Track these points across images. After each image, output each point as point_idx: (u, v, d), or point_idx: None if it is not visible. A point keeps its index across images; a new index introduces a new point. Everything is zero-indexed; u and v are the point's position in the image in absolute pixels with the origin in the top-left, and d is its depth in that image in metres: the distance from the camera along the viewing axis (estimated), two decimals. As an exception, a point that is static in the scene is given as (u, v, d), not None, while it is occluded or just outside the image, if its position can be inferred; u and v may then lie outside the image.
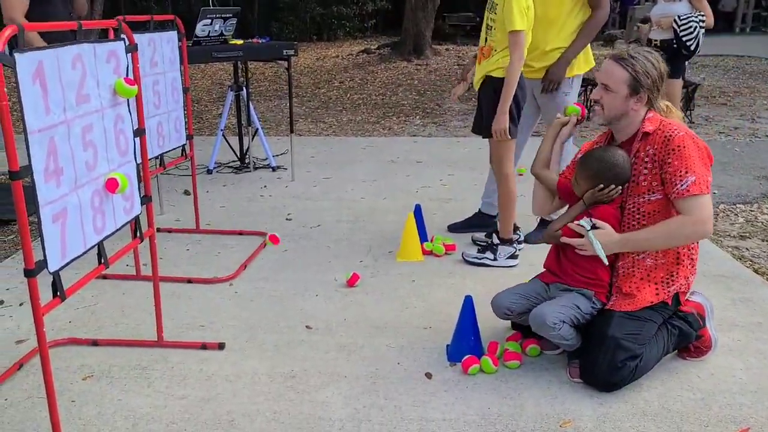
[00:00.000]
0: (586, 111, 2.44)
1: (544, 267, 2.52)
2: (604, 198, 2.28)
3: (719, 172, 5.27)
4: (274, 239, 3.21)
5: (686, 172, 2.12)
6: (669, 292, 2.29)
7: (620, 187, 2.26)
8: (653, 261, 2.28)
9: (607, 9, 3.41)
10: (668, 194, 2.18)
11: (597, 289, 2.34)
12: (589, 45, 3.53)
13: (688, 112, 7.30)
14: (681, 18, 4.73)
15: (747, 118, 7.58)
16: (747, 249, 3.66)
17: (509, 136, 3.14)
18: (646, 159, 2.21)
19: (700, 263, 3.31)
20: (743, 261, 3.46)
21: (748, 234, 3.91)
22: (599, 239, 2.21)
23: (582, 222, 2.26)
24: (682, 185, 2.13)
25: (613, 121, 2.27)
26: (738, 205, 4.44)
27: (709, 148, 2.23)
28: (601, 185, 2.25)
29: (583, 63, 3.56)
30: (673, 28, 4.76)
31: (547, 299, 2.37)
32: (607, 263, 2.25)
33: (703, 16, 4.73)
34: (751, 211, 4.35)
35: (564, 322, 2.23)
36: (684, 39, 4.75)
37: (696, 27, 4.72)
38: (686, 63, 5.15)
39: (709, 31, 4.91)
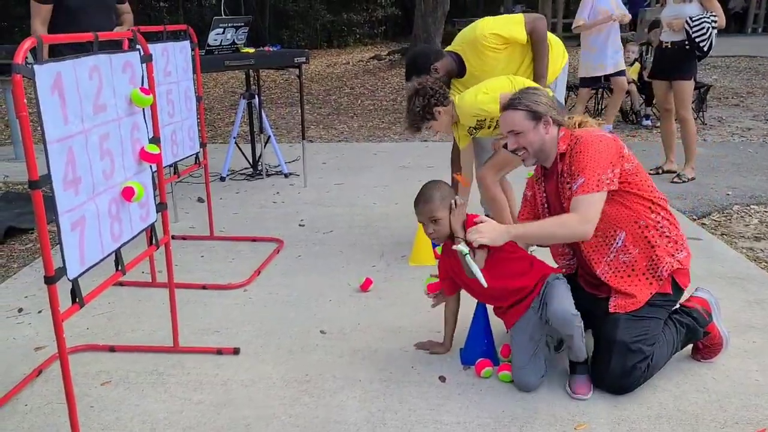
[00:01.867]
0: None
1: (498, 315, 2.45)
2: (460, 212, 2.31)
3: (733, 174, 5.25)
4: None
5: (578, 175, 2.20)
6: (661, 276, 2.26)
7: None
8: (627, 257, 2.28)
9: (540, 25, 3.36)
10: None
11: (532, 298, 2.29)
12: (552, 36, 3.50)
13: (701, 114, 7.27)
14: (693, 19, 4.71)
15: (760, 119, 7.53)
16: (762, 250, 3.64)
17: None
18: (567, 176, 2.28)
19: (714, 265, 3.33)
20: (758, 262, 3.43)
21: (762, 235, 3.89)
22: (488, 235, 2.19)
23: (459, 246, 2.20)
24: (573, 187, 2.22)
25: (540, 155, 2.34)
26: (752, 206, 4.41)
27: (620, 145, 2.24)
28: (451, 204, 2.30)
29: (561, 58, 3.54)
30: (686, 29, 4.75)
31: (532, 334, 2.28)
32: (486, 285, 2.18)
33: (715, 16, 4.71)
34: (766, 212, 4.32)
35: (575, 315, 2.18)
36: (697, 40, 4.73)
37: (708, 27, 4.70)
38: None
39: (721, 32, 4.88)
